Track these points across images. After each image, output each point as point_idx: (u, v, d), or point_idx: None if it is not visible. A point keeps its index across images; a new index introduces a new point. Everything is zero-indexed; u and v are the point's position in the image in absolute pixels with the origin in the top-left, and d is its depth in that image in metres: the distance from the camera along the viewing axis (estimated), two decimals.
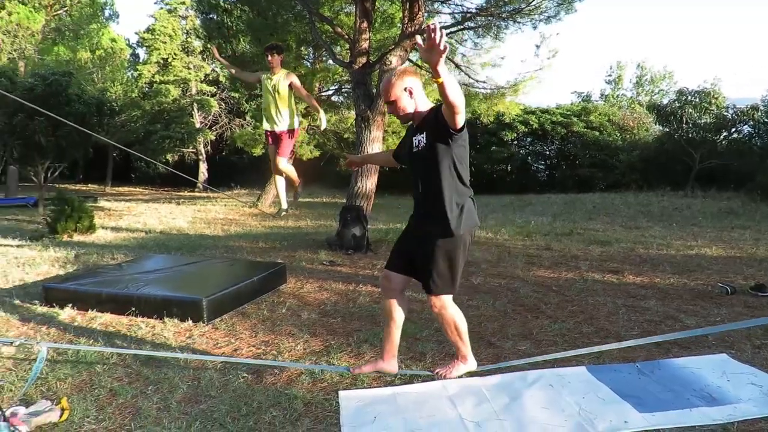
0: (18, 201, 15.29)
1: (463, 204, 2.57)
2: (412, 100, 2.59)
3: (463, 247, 2.61)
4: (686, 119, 16.17)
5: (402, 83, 2.56)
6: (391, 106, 2.62)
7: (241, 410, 2.71)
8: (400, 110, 2.61)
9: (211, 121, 26.77)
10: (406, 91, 2.57)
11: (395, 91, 2.57)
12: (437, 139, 2.48)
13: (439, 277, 2.59)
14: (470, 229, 2.62)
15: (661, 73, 34.11)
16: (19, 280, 5.48)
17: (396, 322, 2.82)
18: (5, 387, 2.98)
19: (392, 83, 2.58)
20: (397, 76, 2.58)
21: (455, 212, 2.54)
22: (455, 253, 2.58)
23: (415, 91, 2.58)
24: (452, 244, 2.57)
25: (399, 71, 2.62)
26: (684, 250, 6.96)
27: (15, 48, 18.04)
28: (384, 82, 2.64)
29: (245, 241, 8.25)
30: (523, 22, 8.05)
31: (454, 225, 2.53)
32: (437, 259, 2.57)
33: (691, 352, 3.39)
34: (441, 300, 2.64)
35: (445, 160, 2.49)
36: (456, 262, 2.60)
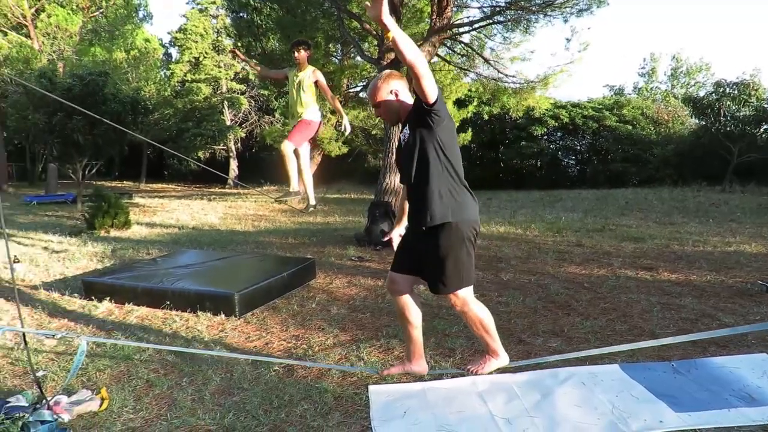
0: (57, 198, 15.80)
1: (455, 195, 2.52)
2: (399, 102, 2.60)
3: (465, 241, 2.53)
4: (724, 112, 15.69)
5: (387, 86, 2.58)
6: (378, 109, 2.64)
7: (272, 403, 2.76)
8: (387, 113, 2.63)
9: (241, 119, 27.16)
10: (392, 94, 2.58)
11: (381, 94, 2.58)
12: (418, 125, 2.47)
13: (445, 276, 2.53)
14: (469, 223, 2.54)
15: (697, 64, 33.13)
16: (59, 274, 5.67)
17: (413, 323, 2.77)
18: (48, 377, 3.10)
19: (378, 87, 2.59)
20: (383, 80, 2.59)
21: (446, 202, 2.48)
22: (457, 248, 2.51)
23: (400, 94, 2.59)
24: (452, 239, 2.50)
25: (384, 75, 2.63)
26: (722, 247, 6.76)
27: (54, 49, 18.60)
28: (370, 86, 2.65)
29: (275, 236, 8.36)
30: (554, 16, 7.92)
31: (445, 214, 2.47)
32: (440, 258, 2.52)
33: (729, 351, 3.30)
34: (460, 297, 2.58)
35: (431, 148, 2.46)
36: (460, 258, 2.53)
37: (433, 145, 2.47)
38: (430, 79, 2.32)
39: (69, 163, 13.45)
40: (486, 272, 5.61)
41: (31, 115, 12.60)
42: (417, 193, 2.58)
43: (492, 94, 10.71)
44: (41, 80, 12.77)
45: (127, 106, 12.99)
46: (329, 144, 14.55)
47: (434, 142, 2.47)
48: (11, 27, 19.10)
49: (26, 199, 15.50)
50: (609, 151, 21.47)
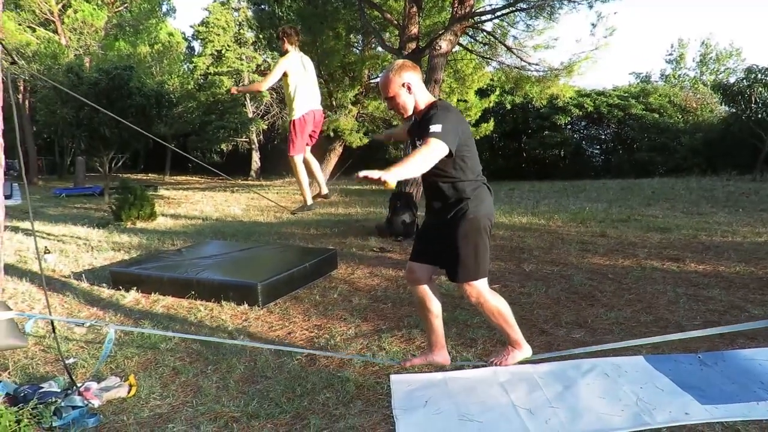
0: (85, 190, 16.17)
1: (473, 190, 2.54)
2: (411, 95, 2.54)
3: (483, 231, 2.55)
4: (755, 99, 15.22)
5: (400, 79, 2.51)
6: (391, 101, 2.58)
7: (295, 391, 2.79)
8: (400, 106, 2.57)
9: (263, 111, 27.32)
10: (404, 87, 2.52)
11: (393, 87, 2.52)
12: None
13: (463, 263, 2.53)
14: (486, 215, 2.57)
15: (727, 50, 32.21)
16: (88, 264, 5.81)
17: (433, 313, 2.78)
18: (78, 364, 3.18)
19: (390, 79, 2.52)
20: (395, 72, 2.52)
21: (461, 197, 2.51)
22: (475, 236, 2.53)
23: (413, 86, 2.53)
24: (470, 227, 2.52)
25: (397, 66, 2.55)
26: (752, 237, 6.59)
27: (81, 44, 18.96)
28: (382, 78, 2.59)
29: (297, 227, 8.42)
30: (579, 1, 7.78)
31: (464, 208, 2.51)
32: (458, 246, 2.53)
33: (758, 344, 3.22)
34: (474, 288, 2.57)
35: (445, 163, 2.45)
36: (478, 247, 2.54)
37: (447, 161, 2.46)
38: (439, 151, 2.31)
39: (96, 156, 13.76)
40: (508, 263, 5.57)
41: (59, 110, 12.88)
42: (433, 189, 2.60)
43: (515, 83, 10.58)
44: (69, 75, 13.05)
45: (152, 99, 13.20)
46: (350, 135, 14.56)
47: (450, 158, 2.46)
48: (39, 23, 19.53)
49: (56, 192, 15.90)
50: (635, 140, 21.04)
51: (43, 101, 14.92)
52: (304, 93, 4.68)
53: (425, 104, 2.57)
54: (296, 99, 4.64)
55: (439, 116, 2.40)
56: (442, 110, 2.46)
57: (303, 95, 4.68)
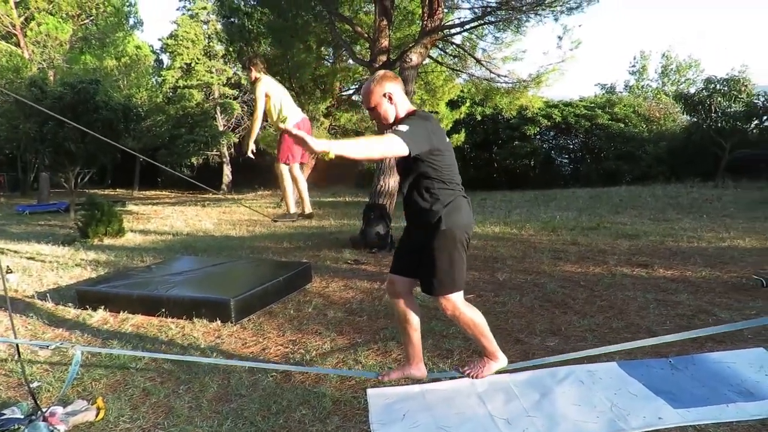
0: (50, 207, 15.70)
1: (449, 203, 2.52)
2: (393, 105, 2.54)
3: (459, 244, 2.55)
4: (715, 108, 15.76)
5: (381, 89, 2.51)
6: (373, 112, 2.58)
7: (270, 409, 2.74)
8: (381, 116, 2.57)
9: (234, 124, 27.09)
10: (386, 97, 2.51)
11: (375, 98, 2.53)
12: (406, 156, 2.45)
13: (438, 277, 2.53)
14: (463, 227, 2.56)
15: (686, 62, 33.30)
16: (53, 284, 5.63)
17: (412, 325, 2.77)
18: (43, 388, 3.07)
19: (372, 89, 2.53)
20: (376, 82, 2.52)
21: (439, 210, 2.50)
22: (450, 249, 2.53)
23: (395, 96, 2.53)
24: (445, 240, 2.51)
25: (378, 76, 2.56)
26: (716, 242, 6.78)
27: (45, 58, 18.52)
28: (364, 88, 2.60)
29: (270, 241, 8.33)
30: (545, 15, 7.95)
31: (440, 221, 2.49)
32: (434, 258, 2.52)
33: (726, 347, 3.30)
34: (450, 301, 2.57)
35: (422, 170, 2.47)
36: (454, 260, 2.54)
37: (425, 168, 2.47)
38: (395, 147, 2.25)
39: (61, 171, 13.40)
40: (482, 272, 5.60)
41: (21, 125, 12.53)
42: (412, 201, 2.59)
43: (485, 95, 10.74)
44: (32, 89, 12.72)
45: (119, 113, 12.96)
46: None
47: (428, 164, 2.47)
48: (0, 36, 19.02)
49: (18, 209, 15.40)
50: (602, 149, 21.53)
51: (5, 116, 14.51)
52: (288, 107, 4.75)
53: (405, 113, 2.57)
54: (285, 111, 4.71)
55: (411, 120, 2.41)
56: (418, 117, 2.48)
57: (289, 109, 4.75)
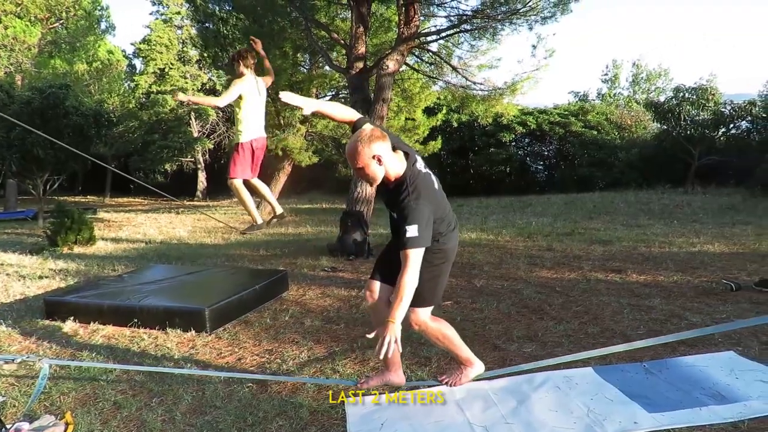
0: (17, 215, 15.25)
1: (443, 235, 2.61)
2: (382, 166, 2.48)
3: (446, 260, 2.61)
4: (684, 116, 16.18)
5: (369, 151, 2.43)
6: (359, 171, 2.52)
7: (246, 420, 2.69)
8: (369, 176, 2.52)
9: (208, 130, 26.78)
10: (375, 159, 2.44)
11: (363, 159, 2.45)
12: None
13: (420, 289, 2.51)
14: (452, 248, 2.65)
15: (656, 71, 34.16)
16: (20, 294, 5.45)
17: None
18: (8, 403, 2.95)
19: (358, 151, 2.44)
20: (364, 143, 2.43)
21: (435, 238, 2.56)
22: (439, 266, 2.58)
23: (384, 158, 2.46)
24: (436, 256, 2.58)
25: (365, 137, 2.45)
26: (686, 248, 6.94)
27: (12, 62, 18.06)
28: (350, 148, 2.48)
29: (246, 249, 8.23)
30: (519, 24, 8.05)
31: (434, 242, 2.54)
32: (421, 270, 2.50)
33: (698, 350, 3.36)
34: (417, 315, 2.59)
35: None
36: (439, 277, 2.58)
37: None
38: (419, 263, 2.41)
39: (29, 178, 13.05)
40: (459, 279, 5.62)
41: None
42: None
43: (461, 102, 10.82)
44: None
45: (90, 119, 12.69)
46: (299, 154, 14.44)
47: None
48: None
49: None
50: (576, 156, 21.90)
51: None
52: (254, 119, 4.62)
53: (395, 175, 2.53)
54: (246, 123, 4.57)
55: (412, 210, 2.41)
56: (414, 198, 2.45)
57: (254, 121, 4.61)
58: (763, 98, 16.35)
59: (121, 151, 24.49)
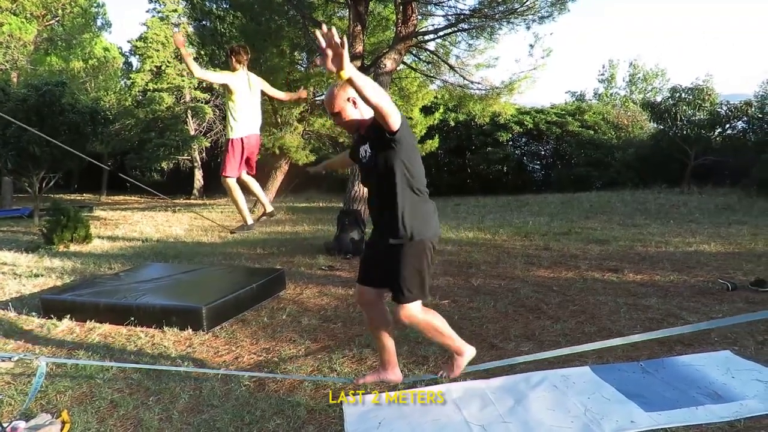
0: (13, 213, 15.17)
1: (419, 212, 2.52)
2: (357, 109, 2.51)
3: (428, 253, 2.55)
4: (680, 116, 16.22)
5: (345, 93, 2.47)
6: (337, 117, 2.55)
7: (244, 419, 2.68)
8: (345, 121, 2.54)
9: (205, 128, 26.70)
10: (350, 102, 2.49)
11: (339, 102, 2.49)
12: (381, 147, 2.44)
13: (408, 286, 2.51)
14: (431, 237, 2.57)
15: (653, 71, 34.27)
16: (16, 292, 5.43)
17: (385, 332, 2.76)
18: (4, 401, 2.94)
19: (334, 95, 2.50)
20: (340, 87, 2.48)
21: (410, 221, 2.48)
22: (420, 260, 2.52)
23: (359, 101, 2.49)
24: (415, 250, 2.51)
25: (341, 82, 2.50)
26: (683, 247, 6.96)
27: (7, 59, 17.97)
28: (327, 94, 2.56)
29: (243, 247, 8.21)
30: (517, 23, 8.07)
31: (411, 233, 2.48)
32: (403, 268, 2.50)
33: (694, 350, 3.38)
34: (407, 310, 2.55)
35: (394, 168, 2.44)
36: (422, 271, 2.53)
37: (397, 166, 2.45)
38: (395, 114, 2.29)
39: (25, 176, 12.97)
40: (457, 278, 5.63)
41: None
42: (382, 211, 2.57)
43: (458, 101, 10.83)
44: None
45: (86, 116, 12.63)
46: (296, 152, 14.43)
47: (398, 163, 2.45)
48: None
49: None
50: (572, 155, 21.94)
51: None
52: (246, 115, 4.56)
53: (371, 118, 2.52)
54: (238, 119, 4.53)
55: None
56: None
57: (245, 117, 4.56)
58: (759, 99, 16.41)
59: (118, 149, 24.41)
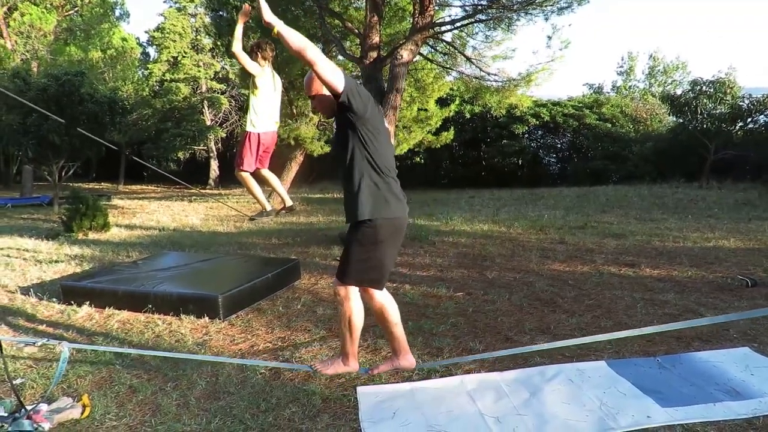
0: (33, 200, 15.44)
1: (377, 191, 2.47)
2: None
3: (381, 236, 2.48)
4: (700, 110, 15.92)
5: None
6: (314, 100, 2.59)
7: (260, 406, 2.72)
8: (321, 105, 2.58)
9: (221, 119, 26.84)
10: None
11: (315, 86, 2.54)
12: (340, 121, 2.48)
13: (348, 264, 2.52)
14: (390, 219, 2.50)
15: (674, 63, 33.61)
16: (37, 278, 5.54)
17: (391, 321, 2.74)
18: (27, 384, 3.01)
19: (311, 78, 2.54)
20: None
21: (365, 199, 2.46)
22: (369, 241, 2.48)
23: None
24: (366, 231, 2.48)
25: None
26: (701, 242, 6.86)
27: (28, 49, 18.18)
28: (306, 78, 2.59)
29: (258, 237, 8.27)
30: (535, 14, 7.95)
31: (362, 211, 2.45)
32: (350, 246, 2.53)
33: (712, 346, 3.34)
34: (346, 290, 2.56)
35: (351, 142, 2.45)
36: (372, 253, 2.50)
37: (354, 141, 2.44)
38: (328, 67, 2.30)
39: (45, 164, 13.17)
40: (471, 270, 5.61)
41: (4, 116, 12.29)
42: (344, 188, 2.58)
43: (475, 93, 10.73)
44: (15, 80, 12.49)
45: (105, 106, 12.76)
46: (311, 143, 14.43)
47: (356, 139, 2.44)
48: None
49: (0, 202, 15.13)
50: (589, 148, 21.68)
51: None
52: (267, 112, 4.57)
53: None
54: (259, 114, 4.54)
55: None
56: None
57: (266, 113, 4.57)
58: None
59: (135, 139, 24.62)
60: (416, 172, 21.86)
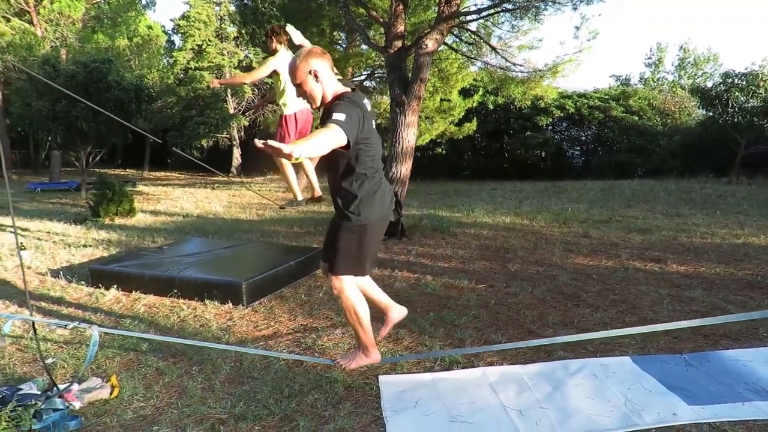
0: (61, 185, 15.80)
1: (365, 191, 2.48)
2: (318, 83, 2.43)
3: (369, 234, 2.52)
4: (732, 103, 15.51)
5: (306, 66, 2.39)
6: (299, 88, 2.49)
7: (283, 392, 2.75)
8: (307, 94, 2.47)
9: (244, 107, 27.01)
10: (311, 74, 2.40)
11: (299, 74, 2.42)
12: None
13: (340, 256, 2.52)
14: (379, 218, 2.53)
15: (705, 55, 32.76)
16: (66, 262, 5.67)
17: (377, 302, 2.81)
18: (58, 364, 3.09)
19: (296, 66, 2.41)
20: (301, 58, 2.40)
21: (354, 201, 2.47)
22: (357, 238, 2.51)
23: (321, 74, 2.41)
24: (354, 229, 2.50)
25: (304, 52, 2.43)
26: (730, 239, 6.71)
27: (57, 36, 18.50)
28: (290, 63, 2.48)
29: (280, 225, 8.33)
30: (563, 3, 7.80)
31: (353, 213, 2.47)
32: (340, 239, 2.52)
33: (741, 344, 3.27)
34: (341, 282, 2.56)
35: (347, 160, 2.42)
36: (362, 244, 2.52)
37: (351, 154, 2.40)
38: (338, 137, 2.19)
39: (73, 150, 13.44)
40: (493, 263, 5.58)
41: (34, 102, 12.56)
42: (331, 187, 2.58)
43: (499, 84, 10.60)
44: (45, 67, 12.73)
45: (131, 93, 12.96)
46: None
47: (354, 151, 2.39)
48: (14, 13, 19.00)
49: (30, 187, 15.50)
50: (614, 141, 21.30)
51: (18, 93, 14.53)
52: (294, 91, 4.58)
53: (333, 95, 2.46)
54: (288, 96, 4.56)
55: (344, 106, 2.31)
56: (348, 102, 2.36)
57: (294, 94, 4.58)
58: None
59: (160, 126, 24.93)
60: (438, 162, 21.75)
